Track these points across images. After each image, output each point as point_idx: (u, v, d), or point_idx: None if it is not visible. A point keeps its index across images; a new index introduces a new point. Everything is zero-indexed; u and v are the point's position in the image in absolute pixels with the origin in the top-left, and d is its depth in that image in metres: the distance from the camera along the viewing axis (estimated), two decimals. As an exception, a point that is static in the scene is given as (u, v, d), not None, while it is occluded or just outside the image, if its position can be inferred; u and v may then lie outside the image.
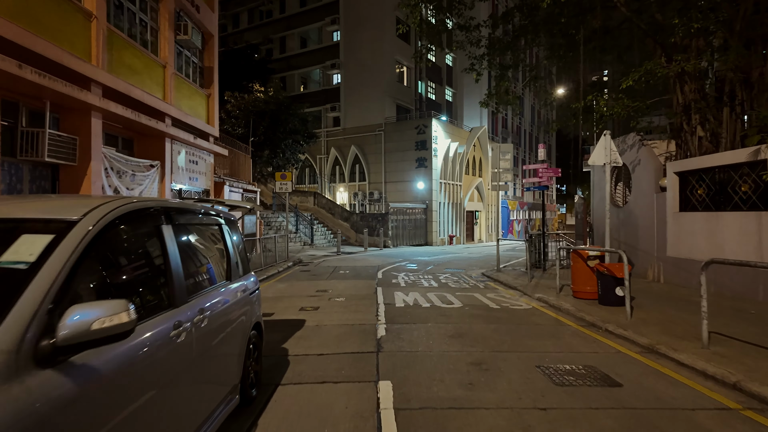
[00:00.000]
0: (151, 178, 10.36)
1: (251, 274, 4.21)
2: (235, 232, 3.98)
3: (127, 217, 2.22)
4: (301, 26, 35.52)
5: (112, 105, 8.39)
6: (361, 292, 9.73)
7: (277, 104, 23.16)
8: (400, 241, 26.63)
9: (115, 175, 9.02)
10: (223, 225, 3.61)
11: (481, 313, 7.56)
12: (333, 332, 6.26)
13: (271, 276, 12.46)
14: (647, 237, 10.95)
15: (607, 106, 10.52)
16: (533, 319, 7.21)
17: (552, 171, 13.18)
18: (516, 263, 16.29)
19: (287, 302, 8.61)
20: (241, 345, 3.43)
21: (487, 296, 9.30)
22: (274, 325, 6.79)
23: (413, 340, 5.77)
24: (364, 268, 14.76)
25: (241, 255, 3.95)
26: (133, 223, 2.31)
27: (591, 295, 8.46)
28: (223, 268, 3.47)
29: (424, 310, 7.77)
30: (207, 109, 13.55)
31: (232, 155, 17.35)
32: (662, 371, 4.67)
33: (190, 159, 12.29)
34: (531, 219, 46.84)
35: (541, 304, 8.52)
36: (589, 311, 7.42)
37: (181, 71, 12.04)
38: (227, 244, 3.58)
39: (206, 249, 3.28)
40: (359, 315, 7.38)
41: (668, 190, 10.15)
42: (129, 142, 10.63)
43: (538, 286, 10.32)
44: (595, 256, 8.54)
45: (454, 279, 12.05)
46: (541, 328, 6.54)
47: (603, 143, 8.36)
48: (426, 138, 28.84)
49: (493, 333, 6.19)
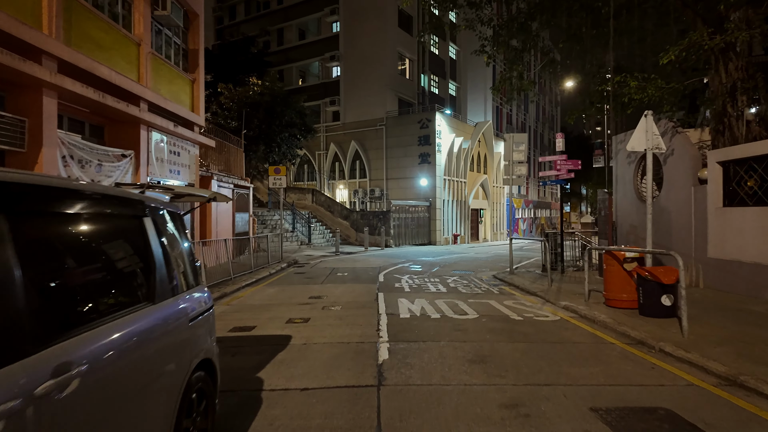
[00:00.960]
0: (122, 169, 9.16)
1: (200, 288, 3.00)
2: (175, 229, 2.77)
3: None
4: (299, 17, 34.26)
5: (68, 82, 7.18)
6: (360, 299, 8.52)
7: (273, 95, 21.94)
8: (402, 240, 25.41)
9: (77, 164, 7.82)
10: (145, 219, 2.39)
11: (503, 327, 6.34)
12: (324, 354, 5.06)
13: (261, 279, 11.25)
14: (682, 236, 9.72)
15: (638, 89, 9.27)
16: (566, 335, 5.99)
17: (571, 163, 11.97)
18: (528, 264, 15.07)
19: (274, 312, 7.41)
20: (169, 402, 2.22)
21: (505, 304, 8.08)
22: (252, 343, 5.59)
23: (424, 367, 4.56)
24: (364, 269, 13.55)
25: (180, 262, 2.74)
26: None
27: (628, 304, 7.25)
28: (143, 284, 2.26)
29: (433, 323, 6.56)
30: (191, 96, 12.34)
31: (223, 148, 16.15)
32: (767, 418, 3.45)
33: (171, 149, 11.09)
34: (536, 217, 45.59)
35: (569, 314, 7.30)
36: (631, 324, 6.21)
37: (161, 52, 10.83)
38: (152, 247, 2.36)
39: (104, 255, 2.07)
40: (357, 329, 6.17)
41: (709, 183, 8.92)
42: (98, 129, 9.43)
43: (561, 291, 9.11)
44: (633, 258, 7.33)
45: (463, 282, 10.83)
46: (580, 349, 5.33)
47: (643, 126, 7.14)
48: (429, 133, 27.58)
49: (522, 356, 4.97)
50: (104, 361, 1.75)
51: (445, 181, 28.34)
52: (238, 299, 8.64)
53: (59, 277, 1.72)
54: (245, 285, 10.17)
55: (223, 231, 14.37)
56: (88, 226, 1.96)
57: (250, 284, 10.45)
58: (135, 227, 2.31)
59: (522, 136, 12.27)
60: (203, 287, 3.07)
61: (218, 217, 14.14)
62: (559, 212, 54.81)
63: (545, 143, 52.97)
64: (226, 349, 5.30)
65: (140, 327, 2.07)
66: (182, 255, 2.84)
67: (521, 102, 48.15)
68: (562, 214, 11.59)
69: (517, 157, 12.21)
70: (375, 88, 30.03)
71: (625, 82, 9.42)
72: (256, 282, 10.80)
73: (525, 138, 12.31)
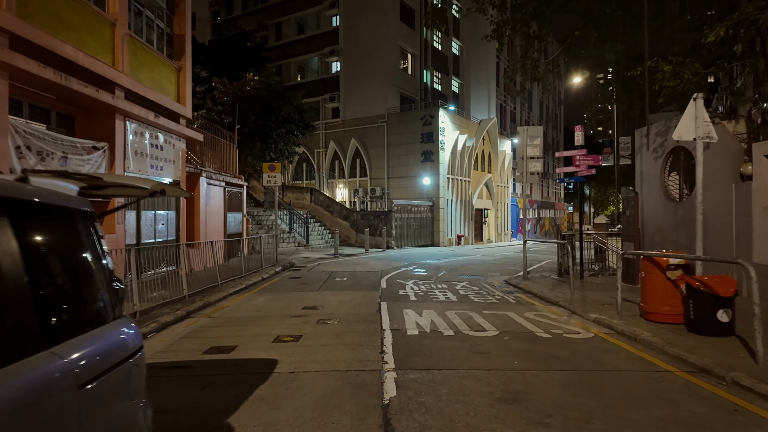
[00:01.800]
0: (93, 162, 8.16)
1: (121, 323, 1.99)
2: (77, 235, 1.76)
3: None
4: (298, 11, 33.22)
5: (20, 59, 6.18)
6: (360, 310, 7.52)
7: (269, 90, 20.91)
8: (404, 241, 24.38)
9: (35, 156, 6.82)
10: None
11: (530, 348, 5.33)
12: (316, 387, 4.05)
13: (251, 285, 10.25)
14: (722, 239, 8.71)
15: (672, 75, 8.26)
16: (609, 359, 4.98)
17: (591, 158, 10.95)
18: (539, 267, 14.09)
19: (261, 327, 6.40)
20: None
21: (526, 316, 7.07)
22: (230, 370, 4.58)
23: (442, 410, 3.55)
24: (365, 274, 12.54)
25: (81, 285, 1.73)
26: None
27: (671, 318, 6.25)
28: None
29: (447, 342, 5.54)
30: (177, 85, 11.33)
31: (216, 145, 15.14)
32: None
33: (153, 143, 10.08)
34: (540, 218, 44.59)
35: (603, 329, 6.29)
36: (684, 345, 5.20)
37: (141, 35, 9.82)
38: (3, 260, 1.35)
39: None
40: (357, 351, 5.16)
41: (755, 179, 7.91)
42: (68, 119, 8.43)
43: (586, 300, 8.10)
44: (678, 264, 6.32)
45: (474, 289, 9.82)
46: (633, 380, 4.31)
47: (692, 111, 6.13)
48: (432, 129, 26.55)
49: (564, 392, 3.96)
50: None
51: (449, 180, 27.31)
52: (222, 310, 7.64)
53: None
54: (233, 292, 9.17)
55: (213, 232, 13.37)
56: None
57: (239, 291, 9.44)
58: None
59: (537, 129, 11.25)
60: (127, 321, 2.06)
61: (207, 217, 13.14)
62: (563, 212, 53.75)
63: (548, 142, 51.95)
64: (195, 380, 4.30)
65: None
66: (88, 274, 1.84)
67: (525, 100, 47.17)
68: (582, 213, 10.60)
69: (531, 152, 11.19)
70: (376, 84, 29.01)
71: (657, 66, 8.40)
72: (246, 289, 9.79)
73: (540, 131, 11.29)
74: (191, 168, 12.43)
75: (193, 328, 6.41)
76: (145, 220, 10.05)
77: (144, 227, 10.03)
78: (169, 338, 5.86)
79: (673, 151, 10.13)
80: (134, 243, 9.59)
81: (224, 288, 9.36)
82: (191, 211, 12.34)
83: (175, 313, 6.97)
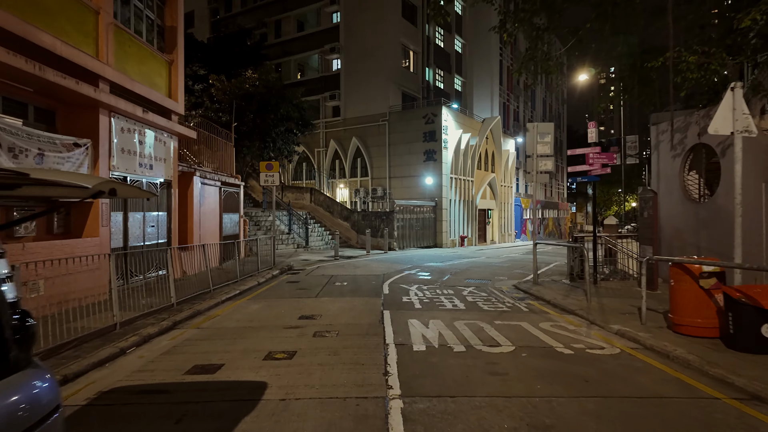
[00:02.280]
0: (75, 161, 7.58)
1: (34, 377, 1.41)
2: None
3: None
4: (297, 8, 32.62)
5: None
6: (361, 320, 6.93)
7: (267, 87, 20.32)
8: (406, 242, 23.79)
9: (7, 153, 6.25)
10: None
11: (552, 367, 4.74)
12: (308, 422, 3.47)
13: (246, 291, 9.67)
14: (751, 242, 8.10)
15: (697, 66, 7.65)
16: (642, 381, 4.39)
17: (606, 156, 10.36)
18: (548, 270, 13.48)
19: (252, 340, 5.82)
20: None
21: (542, 327, 6.49)
22: (213, 395, 4.00)
23: (460, 454, 2.97)
24: (366, 278, 11.95)
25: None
26: None
27: (705, 332, 5.66)
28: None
29: (458, 361, 4.95)
30: (168, 80, 10.75)
31: (211, 142, 14.58)
32: None
33: (142, 140, 9.51)
34: (544, 218, 43.94)
35: (630, 344, 5.70)
36: (726, 364, 4.61)
37: (129, 25, 9.25)
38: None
39: None
40: (358, 372, 4.57)
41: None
42: (48, 114, 7.85)
43: (604, 309, 7.51)
44: (712, 272, 5.73)
45: (482, 295, 9.23)
46: (678, 409, 3.72)
47: (729, 103, 5.54)
48: (435, 128, 25.94)
49: (601, 426, 3.37)
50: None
51: (452, 180, 26.71)
52: (212, 320, 7.06)
53: None
54: (226, 299, 8.59)
55: (208, 234, 12.79)
56: None
57: (232, 297, 8.87)
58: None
59: (548, 126, 10.65)
60: (38, 372, 1.48)
61: (202, 218, 12.57)
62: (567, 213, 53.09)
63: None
64: (171, 409, 3.72)
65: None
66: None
67: (528, 99, 46.53)
68: (595, 214, 10.01)
69: (542, 149, 10.58)
70: (377, 82, 28.41)
71: (681, 57, 7.80)
72: (240, 295, 9.21)
73: (551, 128, 10.69)
74: (184, 167, 11.86)
75: (178, 341, 5.83)
76: (132, 222, 9.47)
77: (132, 229, 9.45)
78: (149, 354, 5.28)
79: (693, 149, 9.54)
80: (121, 246, 9.03)
81: (216, 294, 8.78)
82: (184, 212, 11.77)
83: (159, 324, 6.40)
